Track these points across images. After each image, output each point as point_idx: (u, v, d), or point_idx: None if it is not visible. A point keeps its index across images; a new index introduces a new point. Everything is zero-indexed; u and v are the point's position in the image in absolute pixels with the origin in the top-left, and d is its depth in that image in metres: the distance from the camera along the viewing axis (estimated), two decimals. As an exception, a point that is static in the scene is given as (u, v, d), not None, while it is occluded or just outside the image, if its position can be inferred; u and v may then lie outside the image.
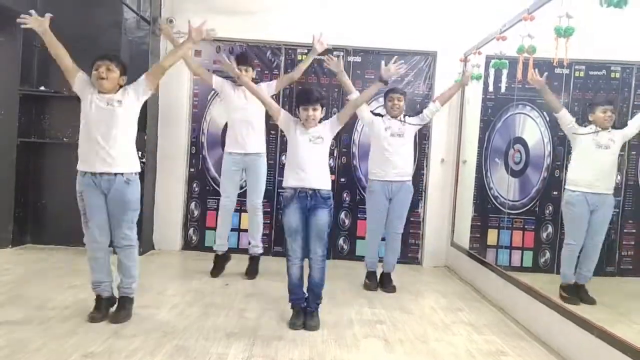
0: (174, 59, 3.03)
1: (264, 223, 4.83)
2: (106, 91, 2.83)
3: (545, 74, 3.48)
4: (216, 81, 4.09)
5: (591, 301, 3.29)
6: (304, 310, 3.05)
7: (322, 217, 2.98)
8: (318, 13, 4.86)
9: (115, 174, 2.83)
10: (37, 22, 2.78)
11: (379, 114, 3.96)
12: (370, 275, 4.01)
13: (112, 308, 2.98)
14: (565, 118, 3.54)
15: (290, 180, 3.02)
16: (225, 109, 4.20)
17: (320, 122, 3.07)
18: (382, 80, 3.18)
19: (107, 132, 2.80)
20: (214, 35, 3.28)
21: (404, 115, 3.93)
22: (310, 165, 2.98)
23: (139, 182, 2.95)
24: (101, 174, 2.81)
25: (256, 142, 4.04)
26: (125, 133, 2.87)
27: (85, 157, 2.85)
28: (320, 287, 3.06)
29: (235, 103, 3.99)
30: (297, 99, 3.10)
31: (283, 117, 3.12)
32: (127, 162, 2.88)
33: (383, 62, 3.29)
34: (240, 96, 3.97)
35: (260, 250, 4.18)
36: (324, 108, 3.05)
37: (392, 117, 3.90)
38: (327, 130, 3.07)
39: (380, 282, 4.02)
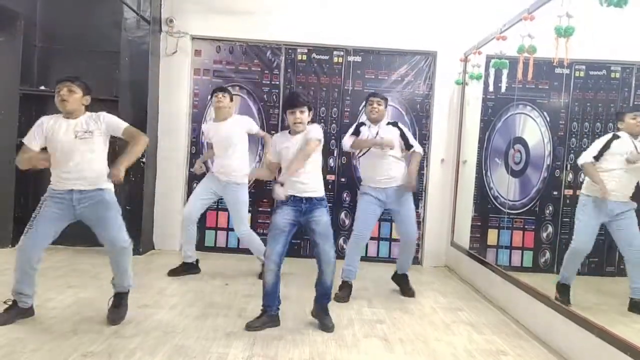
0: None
1: (263, 223, 4.85)
2: (69, 112, 2.81)
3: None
4: (206, 130, 4.10)
5: None
6: (318, 311, 3.07)
7: (322, 216, 2.98)
8: (318, 13, 4.87)
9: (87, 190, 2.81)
10: (45, 161, 2.80)
11: (361, 123, 3.81)
12: (344, 285, 3.70)
13: (23, 318, 2.84)
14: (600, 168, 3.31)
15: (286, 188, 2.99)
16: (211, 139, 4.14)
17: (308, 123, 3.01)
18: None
19: (80, 162, 2.78)
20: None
21: (387, 124, 3.74)
22: (304, 176, 2.95)
23: (113, 191, 2.91)
24: (72, 190, 2.80)
25: (237, 172, 3.96)
26: (98, 160, 2.84)
27: (59, 181, 2.83)
28: (330, 289, 3.08)
29: (218, 135, 3.97)
30: (284, 105, 3.07)
31: (272, 156, 3.11)
32: (101, 182, 2.84)
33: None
34: (222, 130, 3.95)
35: None
36: (311, 111, 3.03)
37: (371, 121, 3.73)
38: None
39: (399, 286, 3.91)
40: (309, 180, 2.97)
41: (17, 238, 4.66)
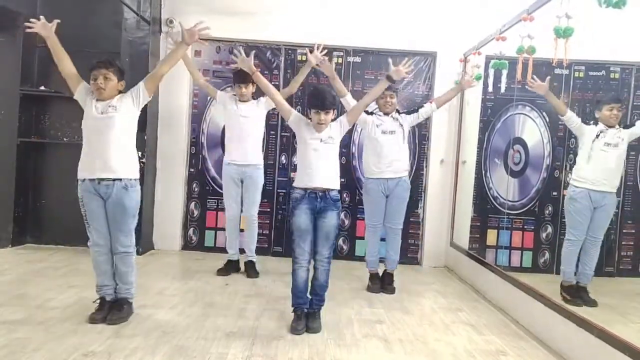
0: (170, 64, 3.00)
1: (263, 223, 4.86)
2: (105, 99, 2.85)
3: (548, 78, 3.49)
4: (220, 96, 4.17)
5: (592, 303, 3.25)
6: (306, 314, 3.00)
7: (331, 219, 2.97)
8: (318, 13, 4.87)
9: (114, 180, 2.82)
10: (43, 27, 2.81)
11: (370, 112, 3.92)
12: (373, 277, 3.99)
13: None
14: (571, 120, 3.57)
15: (301, 180, 3.00)
16: (226, 121, 4.25)
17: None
18: (391, 80, 3.17)
19: (104, 139, 2.80)
20: (208, 34, 3.14)
21: (397, 112, 3.90)
22: (321, 165, 2.96)
23: (139, 189, 2.94)
24: (100, 180, 2.82)
25: (255, 154, 4.08)
26: (122, 139, 2.87)
27: (85, 165, 2.86)
28: (324, 289, 3.04)
29: (236, 117, 4.04)
30: (309, 101, 3.04)
31: (294, 118, 3.08)
32: (126, 168, 2.87)
33: (391, 61, 3.26)
34: (242, 110, 4.02)
35: (255, 259, 4.21)
36: (335, 111, 3.03)
37: (384, 114, 3.86)
38: (337, 131, 3.05)
39: (381, 282, 3.99)
40: (325, 172, 2.97)
41: (17, 238, 4.75)
